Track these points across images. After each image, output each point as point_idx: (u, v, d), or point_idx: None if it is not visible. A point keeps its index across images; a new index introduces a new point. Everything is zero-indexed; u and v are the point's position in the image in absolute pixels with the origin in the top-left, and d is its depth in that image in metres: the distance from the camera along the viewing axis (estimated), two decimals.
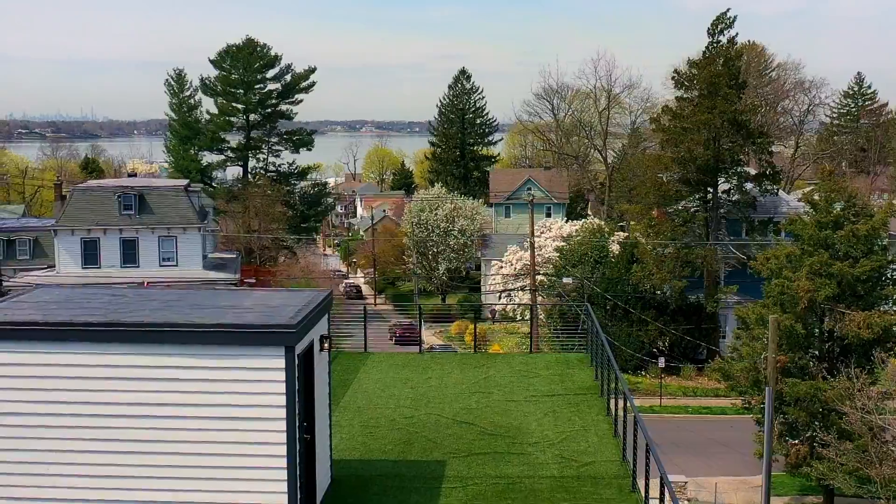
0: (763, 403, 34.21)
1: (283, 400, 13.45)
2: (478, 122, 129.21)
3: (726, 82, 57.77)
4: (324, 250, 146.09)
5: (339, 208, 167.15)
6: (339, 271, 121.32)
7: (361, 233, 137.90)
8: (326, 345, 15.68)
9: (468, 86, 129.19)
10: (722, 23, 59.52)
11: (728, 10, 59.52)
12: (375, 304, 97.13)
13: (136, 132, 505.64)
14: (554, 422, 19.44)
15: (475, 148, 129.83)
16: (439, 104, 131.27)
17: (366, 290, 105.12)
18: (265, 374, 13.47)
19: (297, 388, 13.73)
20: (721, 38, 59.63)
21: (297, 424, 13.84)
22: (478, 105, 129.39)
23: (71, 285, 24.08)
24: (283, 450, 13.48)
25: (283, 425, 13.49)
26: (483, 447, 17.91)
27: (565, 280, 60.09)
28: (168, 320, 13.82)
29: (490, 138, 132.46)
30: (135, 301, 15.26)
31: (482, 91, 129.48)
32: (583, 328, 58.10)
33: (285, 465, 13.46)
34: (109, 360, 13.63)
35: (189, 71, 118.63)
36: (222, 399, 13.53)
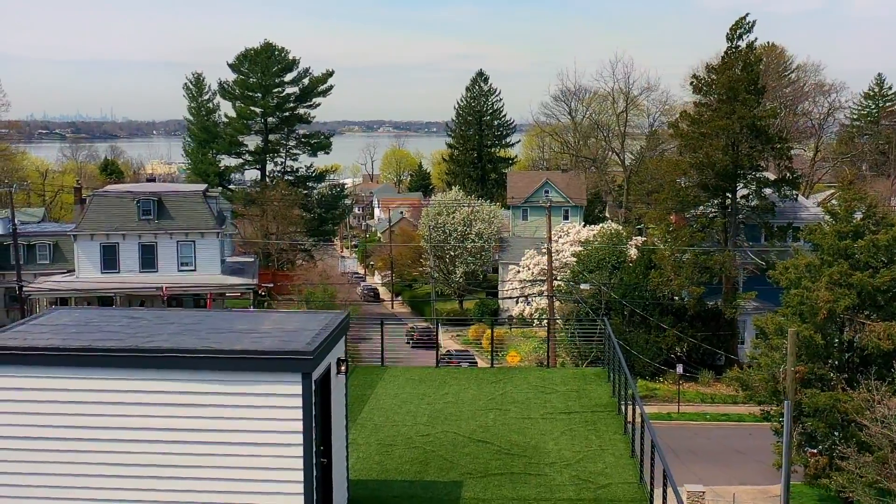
0: (782, 413, 34.05)
1: (299, 426, 13.48)
2: (495, 123, 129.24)
3: (745, 87, 57.46)
4: (341, 252, 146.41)
5: (356, 210, 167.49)
6: (357, 273, 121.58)
7: (379, 235, 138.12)
8: (343, 368, 15.71)
9: (485, 88, 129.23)
10: (741, 27, 59.20)
11: (747, 14, 59.27)
12: (392, 307, 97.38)
13: (154, 132, 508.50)
14: (571, 441, 19.38)
15: (492, 150, 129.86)
16: (456, 106, 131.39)
17: (383, 292, 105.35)
18: (282, 401, 13.50)
19: (313, 413, 13.76)
20: (740, 42, 59.31)
21: (314, 450, 13.87)
22: (495, 107, 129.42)
23: (89, 308, 23.53)
24: (300, 475, 13.51)
25: (300, 451, 13.52)
26: (499, 467, 17.87)
27: (583, 286, 59.91)
28: (186, 346, 13.86)
29: (507, 140, 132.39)
30: (153, 325, 15.31)
31: (499, 93, 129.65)
32: (600, 334, 58.05)
33: (302, 491, 13.48)
34: (127, 386, 13.70)
35: (208, 71, 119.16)
36: (239, 425, 13.57)
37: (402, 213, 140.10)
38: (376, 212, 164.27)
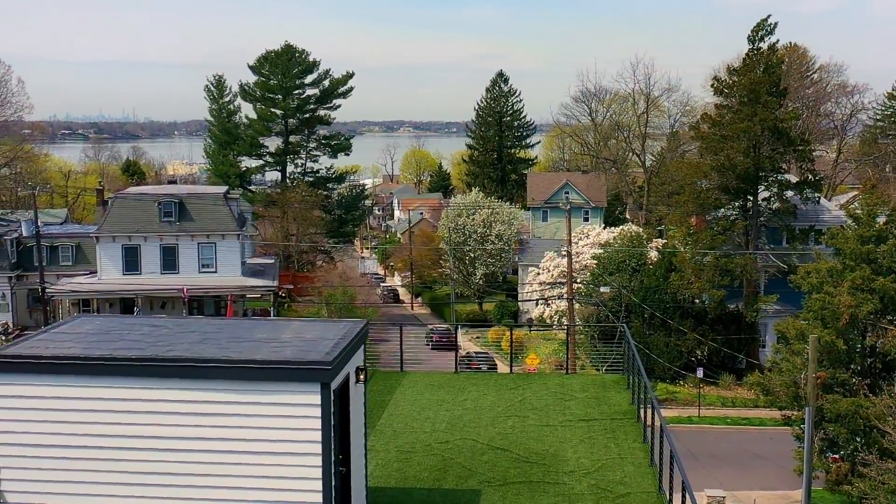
0: (803, 419, 33.83)
1: (318, 436, 13.53)
2: (515, 124, 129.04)
3: (767, 89, 57.10)
4: (361, 253, 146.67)
5: (376, 210, 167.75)
6: (377, 275, 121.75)
7: (399, 235, 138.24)
8: (362, 376, 15.75)
9: (505, 88, 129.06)
10: (762, 29, 58.84)
11: (769, 16, 58.88)
12: (412, 309, 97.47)
13: (176, 133, 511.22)
14: (590, 449, 19.35)
15: (512, 151, 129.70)
16: (476, 107, 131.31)
17: (402, 293, 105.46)
18: (301, 410, 13.56)
19: (332, 423, 13.80)
20: (762, 44, 58.94)
21: (333, 459, 13.91)
22: (515, 108, 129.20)
23: (111, 316, 23.79)
24: (319, 485, 13.56)
25: (318, 461, 13.57)
26: (518, 476, 17.87)
27: (602, 289, 59.73)
28: (206, 355, 13.94)
29: (527, 141, 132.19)
30: (174, 333, 15.41)
31: (519, 94, 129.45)
32: (619, 338, 57.88)
33: (321, 501, 13.53)
34: (148, 395, 13.80)
35: (230, 72, 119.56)
36: (258, 434, 13.64)
37: (421, 213, 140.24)
38: (396, 212, 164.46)
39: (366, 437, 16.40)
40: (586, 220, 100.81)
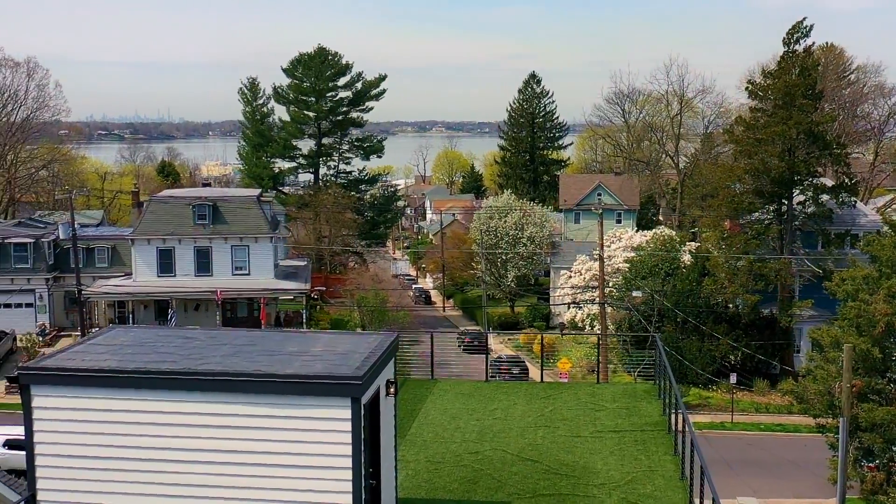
0: (838, 427, 33.48)
1: (349, 450, 13.63)
2: (547, 126, 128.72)
3: (802, 92, 56.50)
4: (393, 254, 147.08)
5: (408, 211, 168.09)
6: (409, 276, 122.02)
7: (431, 237, 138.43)
8: (392, 389, 15.83)
9: (538, 90, 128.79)
10: (798, 31, 58.23)
11: (804, 18, 58.26)
12: (444, 310, 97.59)
13: (210, 133, 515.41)
14: (620, 461, 19.28)
15: (545, 152, 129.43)
16: (509, 108, 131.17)
17: (434, 295, 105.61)
18: (331, 424, 13.66)
19: (362, 436, 13.89)
20: (797, 46, 58.34)
21: (363, 472, 14.01)
22: (547, 109, 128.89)
23: (145, 327, 23.77)
24: (349, 498, 13.67)
25: (348, 474, 13.67)
26: (548, 488, 17.85)
27: (635, 293, 59.45)
28: (237, 369, 14.08)
29: (560, 142, 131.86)
30: (206, 346, 15.58)
31: (552, 95, 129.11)
32: (651, 343, 57.56)
33: None
34: (180, 408, 13.97)
35: (263, 72, 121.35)
36: (290, 447, 13.76)
37: (454, 214, 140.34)
38: (428, 213, 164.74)
39: (396, 448, 16.48)
40: (619, 222, 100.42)
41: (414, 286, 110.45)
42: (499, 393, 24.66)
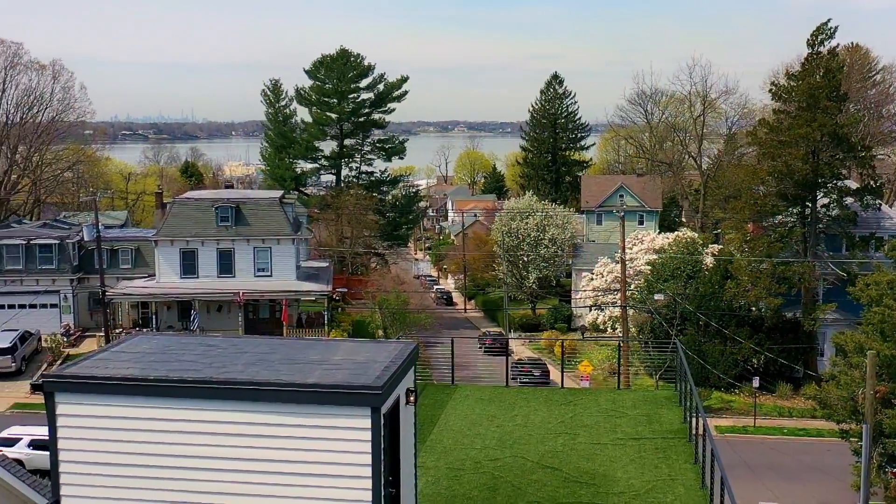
0: (861, 433, 33.23)
1: (368, 459, 13.67)
2: (569, 126, 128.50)
3: (826, 94, 56.09)
4: (415, 254, 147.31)
5: (430, 212, 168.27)
6: (430, 277, 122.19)
7: (452, 237, 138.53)
8: (412, 398, 15.88)
9: (560, 90, 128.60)
10: (822, 33, 57.80)
11: (829, 20, 57.82)
12: (466, 311, 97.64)
13: (233, 133, 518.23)
14: (640, 469, 19.25)
15: (567, 153, 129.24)
16: (531, 109, 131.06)
17: (456, 296, 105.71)
18: (351, 434, 13.71)
19: (382, 446, 13.95)
20: (821, 48, 57.91)
21: (383, 481, 14.06)
22: (570, 110, 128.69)
23: (168, 335, 24.05)
24: None
25: (368, 483, 13.71)
26: (567, 496, 17.85)
27: (657, 296, 59.24)
28: (259, 378, 14.18)
29: (582, 143, 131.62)
30: (228, 354, 15.69)
31: (574, 96, 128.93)
32: (673, 346, 57.34)
33: None
34: (200, 416, 14.07)
35: (286, 72, 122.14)
36: (309, 456, 13.82)
37: (475, 215, 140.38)
38: (450, 214, 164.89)
39: (415, 456, 16.52)
40: (641, 223, 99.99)
41: (435, 287, 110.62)
42: (519, 399, 24.68)
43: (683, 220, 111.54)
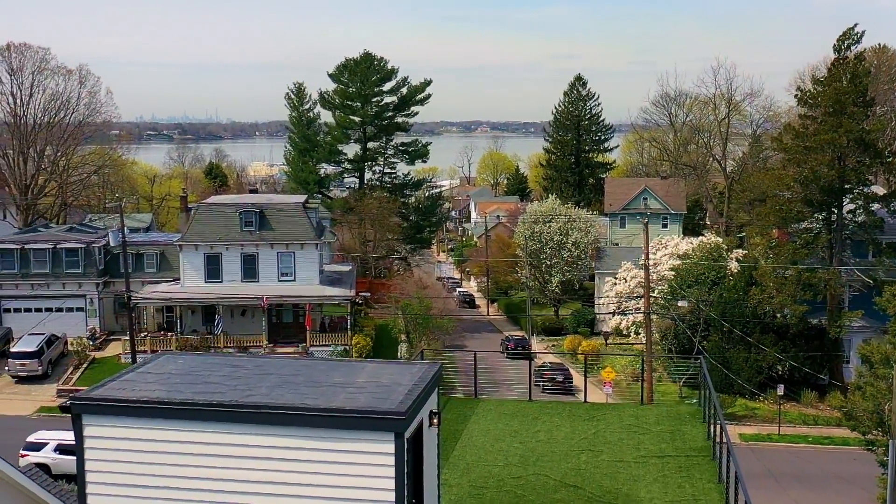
0: (887, 444, 32.94)
1: (391, 484, 13.72)
2: (593, 128, 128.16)
3: (853, 100, 55.66)
4: (437, 256, 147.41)
5: (453, 213, 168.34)
6: (453, 279, 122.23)
7: (475, 239, 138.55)
8: (436, 420, 15.92)
9: (583, 92, 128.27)
10: (848, 38, 57.34)
11: (855, 25, 57.39)
12: (488, 314, 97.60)
13: (257, 133, 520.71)
14: (663, 489, 19.19)
15: (590, 155, 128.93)
16: (554, 111, 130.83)
17: (478, 298, 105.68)
18: (375, 459, 13.77)
19: (405, 471, 14.01)
20: (847, 53, 57.45)
21: None
22: (593, 112, 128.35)
23: (193, 354, 24.23)
24: None
25: None
26: None
27: (680, 303, 58.99)
28: (283, 402, 14.27)
29: (606, 145, 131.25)
30: (253, 376, 15.81)
31: (598, 97, 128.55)
32: (697, 353, 57.09)
33: None
34: (226, 440, 14.18)
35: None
36: (332, 480, 13.88)
37: (498, 217, 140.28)
38: (473, 215, 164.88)
39: (439, 477, 16.56)
40: (665, 226, 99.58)
41: (458, 289, 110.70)
42: (542, 413, 24.67)
43: (708, 222, 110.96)
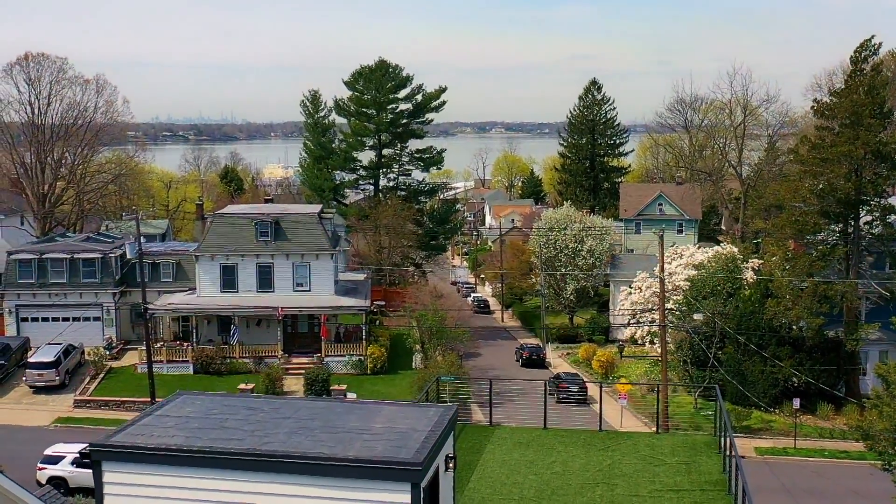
0: None
1: None
2: (608, 133, 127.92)
3: (870, 111, 55.29)
4: (452, 259, 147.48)
5: (467, 216, 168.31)
6: (468, 284, 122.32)
7: (490, 242, 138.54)
8: (452, 465, 16.00)
9: (598, 96, 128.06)
10: (866, 49, 57.01)
11: (872, 36, 57.01)
12: (503, 320, 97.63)
13: (272, 134, 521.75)
14: None
15: (606, 159, 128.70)
16: (569, 115, 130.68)
17: (493, 303, 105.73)
18: None
19: None
20: (864, 65, 57.13)
21: None
22: (608, 116, 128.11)
23: (211, 395, 24.55)
24: None
25: None
26: None
27: (696, 316, 58.80)
28: (301, 451, 14.37)
29: (621, 149, 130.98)
30: (270, 420, 15.93)
31: (613, 101, 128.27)
32: (712, 364, 56.92)
33: None
34: (243, 487, 14.33)
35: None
36: None
37: (513, 220, 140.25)
38: (487, 218, 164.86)
39: None
40: (680, 232, 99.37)
41: (472, 294, 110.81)
42: (557, 442, 24.68)
43: (723, 228, 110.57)
